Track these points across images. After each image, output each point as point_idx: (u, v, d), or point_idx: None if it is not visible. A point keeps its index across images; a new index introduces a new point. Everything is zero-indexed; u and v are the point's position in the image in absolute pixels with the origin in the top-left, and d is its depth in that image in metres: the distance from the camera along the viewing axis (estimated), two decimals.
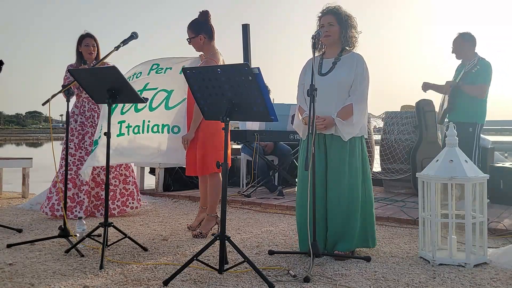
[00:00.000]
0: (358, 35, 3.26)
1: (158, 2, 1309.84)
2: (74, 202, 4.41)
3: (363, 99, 3.14)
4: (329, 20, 3.19)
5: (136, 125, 3.92)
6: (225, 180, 2.73)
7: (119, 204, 4.57)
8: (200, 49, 3.77)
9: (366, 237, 3.18)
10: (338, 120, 3.07)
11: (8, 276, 2.68)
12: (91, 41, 4.48)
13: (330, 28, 3.19)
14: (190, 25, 3.73)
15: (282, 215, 4.75)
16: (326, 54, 3.29)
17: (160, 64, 3.93)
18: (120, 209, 4.56)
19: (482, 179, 3.02)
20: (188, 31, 3.74)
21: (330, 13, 3.21)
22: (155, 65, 3.92)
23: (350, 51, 3.25)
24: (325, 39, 3.20)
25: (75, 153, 4.46)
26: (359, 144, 3.20)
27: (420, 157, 5.83)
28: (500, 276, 2.75)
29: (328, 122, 3.08)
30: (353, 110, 3.08)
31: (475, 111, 4.33)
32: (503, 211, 4.76)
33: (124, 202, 4.60)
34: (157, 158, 4.12)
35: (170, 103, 3.97)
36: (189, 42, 3.74)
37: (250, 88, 2.62)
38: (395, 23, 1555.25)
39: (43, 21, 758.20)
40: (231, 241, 2.70)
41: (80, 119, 4.53)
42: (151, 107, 3.94)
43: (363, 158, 3.21)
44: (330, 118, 3.08)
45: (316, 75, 3.17)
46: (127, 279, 2.64)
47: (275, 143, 6.29)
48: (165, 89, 3.95)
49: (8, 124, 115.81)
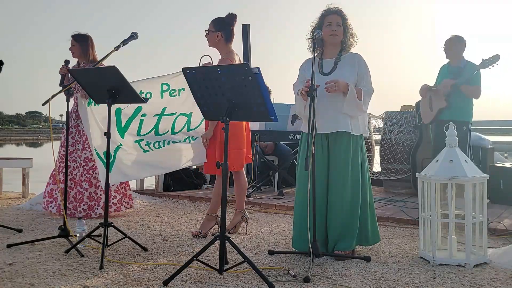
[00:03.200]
0: (355, 42, 3.30)
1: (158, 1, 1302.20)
2: (51, 198, 4.49)
3: (370, 94, 3.18)
4: (337, 20, 3.21)
5: (156, 141, 4.01)
6: (225, 180, 2.74)
7: (86, 208, 4.42)
8: (214, 45, 3.76)
9: (365, 235, 3.19)
10: (351, 88, 3.06)
11: (8, 276, 2.68)
12: (71, 41, 4.51)
13: (338, 28, 3.21)
14: (215, 20, 3.76)
15: (282, 215, 4.75)
16: (325, 55, 3.29)
17: (171, 84, 3.95)
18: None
19: (482, 179, 3.02)
20: (210, 24, 3.76)
21: (337, 13, 3.23)
22: (165, 85, 3.93)
23: (348, 52, 3.28)
24: (332, 37, 3.20)
25: (60, 150, 4.46)
26: (361, 143, 3.22)
27: (420, 157, 5.83)
28: (500, 276, 2.76)
29: (341, 84, 3.04)
30: (362, 94, 3.10)
31: (468, 110, 4.47)
32: (503, 211, 4.76)
33: (91, 206, 4.43)
34: (184, 164, 4.20)
35: (192, 125, 4.06)
36: (206, 34, 3.75)
37: (250, 88, 2.62)
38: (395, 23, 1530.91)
39: (44, 21, 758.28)
40: (231, 241, 2.70)
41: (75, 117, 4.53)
42: (173, 131, 4.04)
43: (363, 157, 3.23)
44: (344, 82, 3.06)
45: (319, 75, 3.18)
46: (127, 279, 2.64)
47: (276, 143, 6.29)
48: (183, 113, 4.02)
49: (8, 124, 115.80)
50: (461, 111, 4.41)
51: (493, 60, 4.22)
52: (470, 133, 4.44)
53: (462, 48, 4.53)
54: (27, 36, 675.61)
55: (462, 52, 4.53)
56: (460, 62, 4.49)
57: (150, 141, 3.98)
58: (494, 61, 4.22)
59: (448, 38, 4.56)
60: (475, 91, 4.38)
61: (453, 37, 4.53)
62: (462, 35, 4.53)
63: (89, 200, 4.42)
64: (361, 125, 3.22)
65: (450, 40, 4.53)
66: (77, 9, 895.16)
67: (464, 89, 4.35)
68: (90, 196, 4.42)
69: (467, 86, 4.35)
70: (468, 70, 4.37)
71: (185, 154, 4.09)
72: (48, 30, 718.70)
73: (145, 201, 5.46)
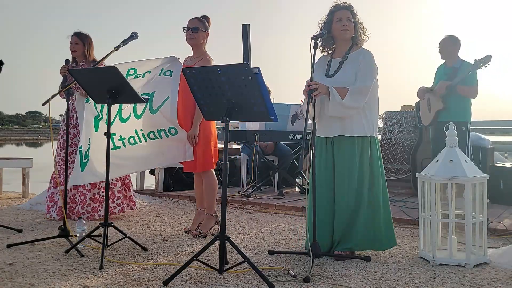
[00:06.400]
0: (367, 37, 3.25)
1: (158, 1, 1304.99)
2: (52, 202, 4.41)
3: (360, 91, 3.04)
4: (347, 15, 3.18)
5: (130, 136, 3.78)
6: (225, 180, 2.73)
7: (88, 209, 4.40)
8: (197, 44, 3.73)
9: (374, 239, 3.11)
10: (332, 89, 3.00)
11: (8, 276, 2.68)
12: (74, 39, 4.48)
13: (349, 23, 3.17)
14: (203, 20, 3.75)
15: (282, 215, 4.75)
16: (336, 53, 3.25)
17: (138, 69, 3.77)
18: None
19: (482, 179, 3.02)
20: (199, 23, 3.72)
21: (346, 9, 3.20)
22: (132, 70, 3.74)
23: (359, 47, 3.22)
24: (343, 33, 3.16)
25: (60, 153, 4.43)
26: (368, 145, 3.13)
27: (420, 157, 5.83)
28: (500, 276, 2.76)
29: (321, 87, 2.99)
30: (347, 94, 3.01)
31: (466, 110, 4.46)
32: (503, 211, 4.76)
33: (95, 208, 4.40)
34: (162, 162, 4.09)
35: (154, 105, 3.82)
36: (192, 31, 3.68)
37: (250, 88, 2.62)
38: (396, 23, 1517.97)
39: (44, 21, 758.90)
40: (231, 241, 2.70)
41: None
42: (137, 115, 3.81)
43: (373, 159, 3.14)
44: (324, 85, 3.02)
45: (323, 77, 3.17)
46: (127, 279, 2.64)
47: (276, 143, 6.29)
48: (146, 92, 3.81)
49: (8, 124, 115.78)
50: (459, 112, 4.41)
51: (485, 60, 4.24)
52: (469, 133, 4.44)
53: (456, 48, 4.54)
54: (28, 36, 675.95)
55: (457, 52, 4.54)
56: (455, 62, 4.49)
57: (123, 135, 3.75)
58: (486, 61, 4.24)
59: (442, 39, 4.57)
60: (471, 91, 4.39)
61: (447, 37, 4.54)
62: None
63: (92, 201, 4.40)
64: (366, 126, 3.12)
65: (444, 40, 4.54)
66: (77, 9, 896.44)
67: (460, 89, 4.36)
68: (93, 198, 4.41)
69: (463, 87, 4.35)
70: (463, 70, 4.38)
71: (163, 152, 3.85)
72: (49, 30, 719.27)
73: (145, 201, 5.46)
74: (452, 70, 4.46)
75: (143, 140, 3.80)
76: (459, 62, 4.48)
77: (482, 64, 4.25)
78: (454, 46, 4.53)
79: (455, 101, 4.40)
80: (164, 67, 3.74)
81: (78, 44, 4.47)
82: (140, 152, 3.80)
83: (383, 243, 3.16)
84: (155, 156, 3.86)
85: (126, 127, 3.76)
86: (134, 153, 3.78)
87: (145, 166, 4.22)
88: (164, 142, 3.84)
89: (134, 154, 3.79)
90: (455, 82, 4.34)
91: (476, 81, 4.40)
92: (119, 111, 3.74)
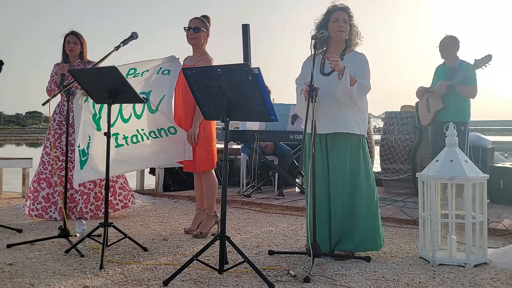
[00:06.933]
0: (360, 41, 3.28)
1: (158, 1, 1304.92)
2: (49, 202, 4.35)
3: (365, 88, 3.11)
4: (344, 17, 3.19)
5: (132, 134, 3.81)
6: (225, 180, 2.73)
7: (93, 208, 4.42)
8: (198, 44, 3.73)
9: (374, 239, 3.12)
10: (347, 72, 3.00)
11: (8, 276, 2.68)
12: (72, 38, 4.45)
13: (345, 24, 3.19)
14: (204, 20, 3.75)
15: (282, 215, 4.75)
16: (329, 53, 3.25)
17: (138, 69, 3.78)
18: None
19: (482, 179, 3.02)
20: (201, 23, 3.71)
21: (343, 10, 3.21)
22: (132, 70, 3.75)
23: (353, 50, 3.25)
24: (339, 33, 3.18)
25: (50, 152, 4.40)
26: (360, 144, 3.18)
27: (420, 157, 5.83)
28: (500, 276, 2.76)
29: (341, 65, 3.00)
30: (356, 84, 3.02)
31: (466, 110, 4.47)
32: (503, 211, 4.76)
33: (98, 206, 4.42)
34: (163, 161, 4.10)
35: (152, 105, 3.82)
36: (194, 31, 3.68)
37: (250, 88, 2.62)
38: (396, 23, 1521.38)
39: (44, 21, 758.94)
40: (231, 241, 2.70)
41: (59, 118, 4.48)
42: (137, 115, 3.82)
43: (365, 157, 3.19)
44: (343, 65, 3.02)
45: (319, 75, 3.17)
46: (127, 279, 2.64)
47: (276, 143, 6.29)
48: (143, 91, 3.80)
49: (8, 124, 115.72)
50: (458, 112, 4.41)
51: (486, 60, 4.25)
52: (468, 133, 4.45)
53: (456, 48, 4.55)
54: (27, 36, 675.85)
55: (456, 52, 4.55)
56: (455, 62, 4.50)
57: (126, 135, 3.78)
58: (487, 61, 4.24)
59: (442, 39, 4.58)
60: (471, 91, 4.40)
61: (446, 37, 4.56)
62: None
63: (95, 200, 4.41)
64: (361, 125, 3.18)
65: (444, 40, 4.56)
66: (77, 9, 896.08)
67: (460, 89, 4.36)
68: (96, 196, 4.42)
69: (462, 86, 4.36)
70: (463, 70, 4.38)
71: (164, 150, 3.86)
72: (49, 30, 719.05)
73: (145, 201, 5.46)
74: (451, 70, 4.47)
75: (145, 138, 3.82)
76: (458, 62, 4.49)
77: (482, 63, 4.26)
78: (454, 46, 4.54)
79: (455, 101, 4.41)
80: (162, 66, 3.75)
81: (77, 44, 4.46)
82: (143, 150, 3.82)
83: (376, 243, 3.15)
84: (157, 154, 3.88)
85: (128, 127, 3.80)
86: (137, 151, 3.80)
87: (146, 164, 4.23)
88: (165, 141, 3.86)
89: (137, 152, 3.81)
90: (455, 82, 4.35)
91: (475, 80, 4.40)
92: (120, 111, 3.75)
